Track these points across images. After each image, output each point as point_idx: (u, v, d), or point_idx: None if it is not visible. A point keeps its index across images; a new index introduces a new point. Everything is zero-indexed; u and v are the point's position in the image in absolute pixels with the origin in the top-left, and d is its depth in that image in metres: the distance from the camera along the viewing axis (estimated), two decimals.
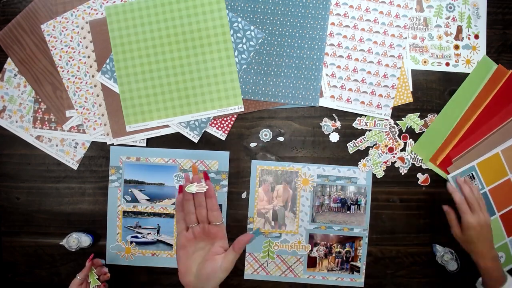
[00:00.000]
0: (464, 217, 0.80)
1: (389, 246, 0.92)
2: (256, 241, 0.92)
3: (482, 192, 0.90)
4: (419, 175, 0.92)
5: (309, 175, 0.91)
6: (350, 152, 0.91)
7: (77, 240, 0.85)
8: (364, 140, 0.91)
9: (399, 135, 0.91)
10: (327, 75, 0.90)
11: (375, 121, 0.91)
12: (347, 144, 0.91)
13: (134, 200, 0.91)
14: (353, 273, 0.92)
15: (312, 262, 0.92)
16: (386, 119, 0.91)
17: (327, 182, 0.91)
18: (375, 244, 0.92)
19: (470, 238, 0.79)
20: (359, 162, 0.91)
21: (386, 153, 0.91)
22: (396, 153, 0.91)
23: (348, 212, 0.91)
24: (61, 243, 0.86)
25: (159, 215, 0.91)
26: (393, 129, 0.91)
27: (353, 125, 0.91)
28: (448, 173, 0.90)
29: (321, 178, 0.91)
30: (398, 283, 0.92)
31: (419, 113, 0.91)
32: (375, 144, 0.91)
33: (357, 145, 0.91)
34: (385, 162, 0.91)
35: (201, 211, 0.60)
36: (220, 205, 0.91)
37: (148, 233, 0.91)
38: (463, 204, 0.80)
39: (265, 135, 0.90)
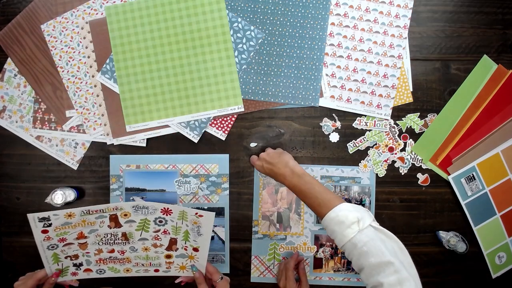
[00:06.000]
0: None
1: None
2: (262, 244, 0.92)
3: (482, 192, 0.90)
4: (419, 175, 0.92)
5: (313, 176, 0.91)
6: (350, 152, 0.91)
7: (61, 195, 0.85)
8: (364, 140, 0.91)
9: (399, 135, 0.91)
10: (327, 75, 0.90)
11: (375, 121, 0.91)
12: (347, 144, 0.91)
13: None
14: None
15: (318, 263, 0.92)
16: (386, 119, 0.91)
17: (331, 182, 0.91)
18: None
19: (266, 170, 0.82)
20: (360, 163, 0.91)
21: (386, 152, 0.91)
22: (396, 153, 0.91)
23: None
24: (46, 201, 0.86)
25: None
26: (393, 129, 0.91)
27: (353, 125, 0.91)
28: (448, 173, 0.90)
29: (325, 179, 0.91)
30: None
31: (419, 113, 0.91)
32: (375, 144, 0.91)
33: (357, 145, 0.91)
34: (386, 161, 0.91)
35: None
36: (223, 208, 0.91)
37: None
38: None
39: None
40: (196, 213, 0.71)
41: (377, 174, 0.91)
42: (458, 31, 0.91)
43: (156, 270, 0.82)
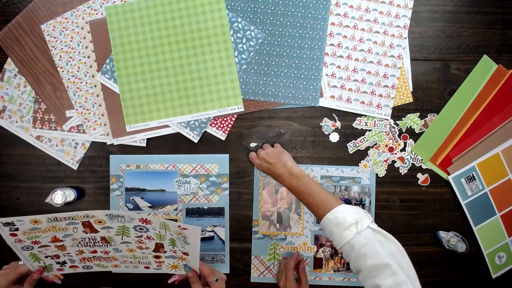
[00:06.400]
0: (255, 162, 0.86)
1: None
2: (262, 244, 0.92)
3: (482, 192, 0.90)
4: (419, 175, 0.92)
5: (313, 176, 0.91)
6: (350, 152, 0.91)
7: (61, 195, 0.85)
8: (364, 140, 0.91)
9: (399, 135, 0.91)
10: (327, 75, 0.90)
11: (375, 121, 0.91)
12: (347, 144, 0.91)
13: (136, 208, 0.91)
14: None
15: (318, 263, 0.92)
16: (386, 119, 0.91)
17: (331, 182, 0.91)
18: None
19: (265, 169, 0.83)
20: (360, 163, 0.91)
21: (386, 152, 0.91)
22: (396, 153, 0.91)
23: None
24: (46, 201, 0.86)
25: None
26: (393, 129, 0.91)
27: (353, 125, 0.91)
28: (448, 173, 0.90)
29: (325, 179, 0.91)
30: None
31: (419, 113, 0.91)
32: (375, 144, 0.91)
33: (357, 145, 0.91)
34: (386, 161, 0.91)
35: None
36: (223, 208, 0.91)
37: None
38: None
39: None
40: (179, 226, 0.66)
41: (377, 174, 0.91)
42: (458, 31, 0.91)
43: (147, 267, 0.79)
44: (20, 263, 0.74)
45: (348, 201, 0.91)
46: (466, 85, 0.90)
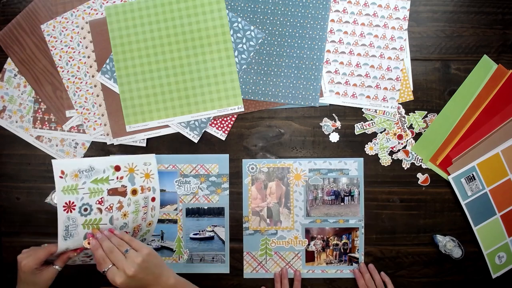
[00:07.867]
0: None
1: (389, 246, 0.92)
2: (253, 239, 0.92)
3: (482, 192, 0.90)
4: (419, 175, 0.92)
5: (301, 170, 0.91)
6: (356, 133, 0.91)
7: None
8: (372, 125, 0.90)
9: (407, 127, 0.91)
10: (330, 72, 0.90)
11: (384, 111, 0.90)
12: (355, 125, 0.91)
13: None
14: (352, 264, 0.92)
15: (310, 257, 0.92)
16: (394, 113, 0.90)
17: (319, 175, 0.91)
18: (375, 244, 0.92)
19: None
20: (366, 145, 0.91)
21: (395, 139, 0.91)
22: (403, 143, 0.91)
23: (342, 203, 0.91)
24: (46, 201, 0.86)
25: (162, 221, 0.91)
26: (403, 119, 0.91)
27: (362, 110, 0.90)
28: (448, 173, 0.90)
29: (313, 172, 0.91)
30: (398, 283, 0.92)
31: (425, 112, 0.91)
32: (384, 130, 0.91)
33: (365, 127, 0.90)
34: (392, 148, 0.90)
35: None
36: (222, 208, 0.91)
37: (152, 240, 0.91)
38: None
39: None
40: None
41: (366, 165, 0.91)
42: (458, 31, 0.91)
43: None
44: (44, 245, 0.74)
45: (337, 193, 0.91)
46: (466, 85, 0.90)
